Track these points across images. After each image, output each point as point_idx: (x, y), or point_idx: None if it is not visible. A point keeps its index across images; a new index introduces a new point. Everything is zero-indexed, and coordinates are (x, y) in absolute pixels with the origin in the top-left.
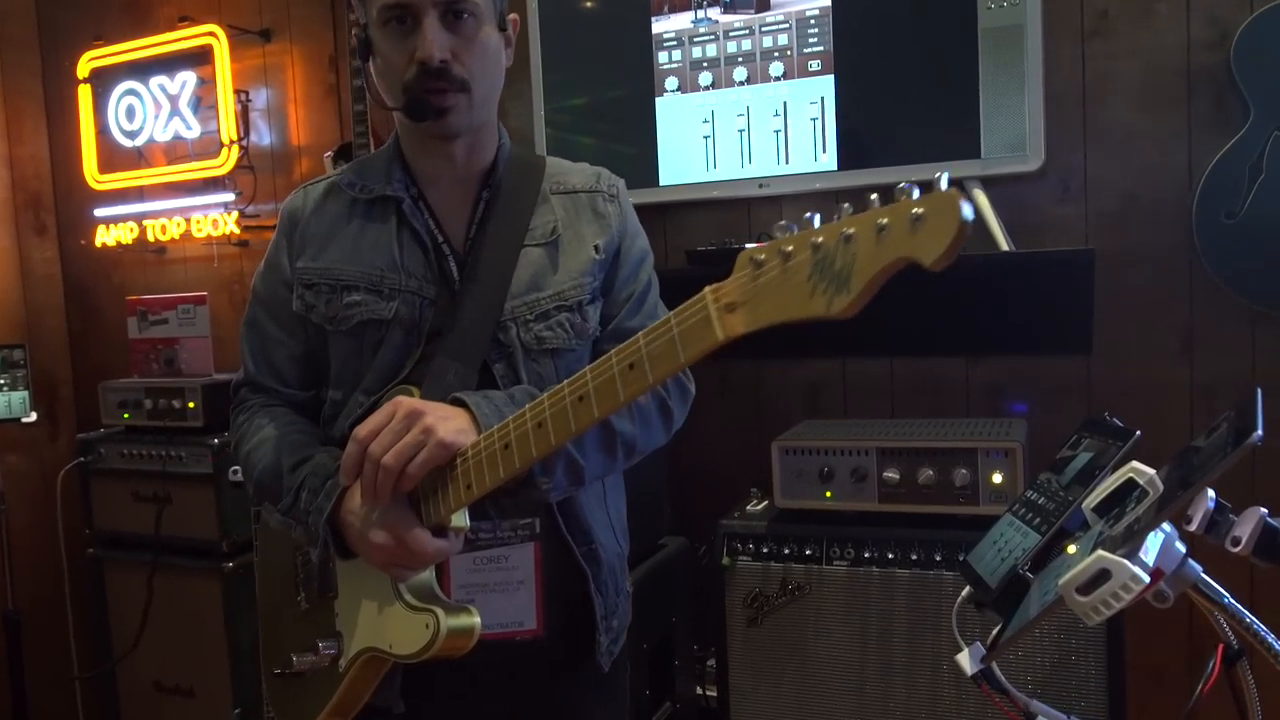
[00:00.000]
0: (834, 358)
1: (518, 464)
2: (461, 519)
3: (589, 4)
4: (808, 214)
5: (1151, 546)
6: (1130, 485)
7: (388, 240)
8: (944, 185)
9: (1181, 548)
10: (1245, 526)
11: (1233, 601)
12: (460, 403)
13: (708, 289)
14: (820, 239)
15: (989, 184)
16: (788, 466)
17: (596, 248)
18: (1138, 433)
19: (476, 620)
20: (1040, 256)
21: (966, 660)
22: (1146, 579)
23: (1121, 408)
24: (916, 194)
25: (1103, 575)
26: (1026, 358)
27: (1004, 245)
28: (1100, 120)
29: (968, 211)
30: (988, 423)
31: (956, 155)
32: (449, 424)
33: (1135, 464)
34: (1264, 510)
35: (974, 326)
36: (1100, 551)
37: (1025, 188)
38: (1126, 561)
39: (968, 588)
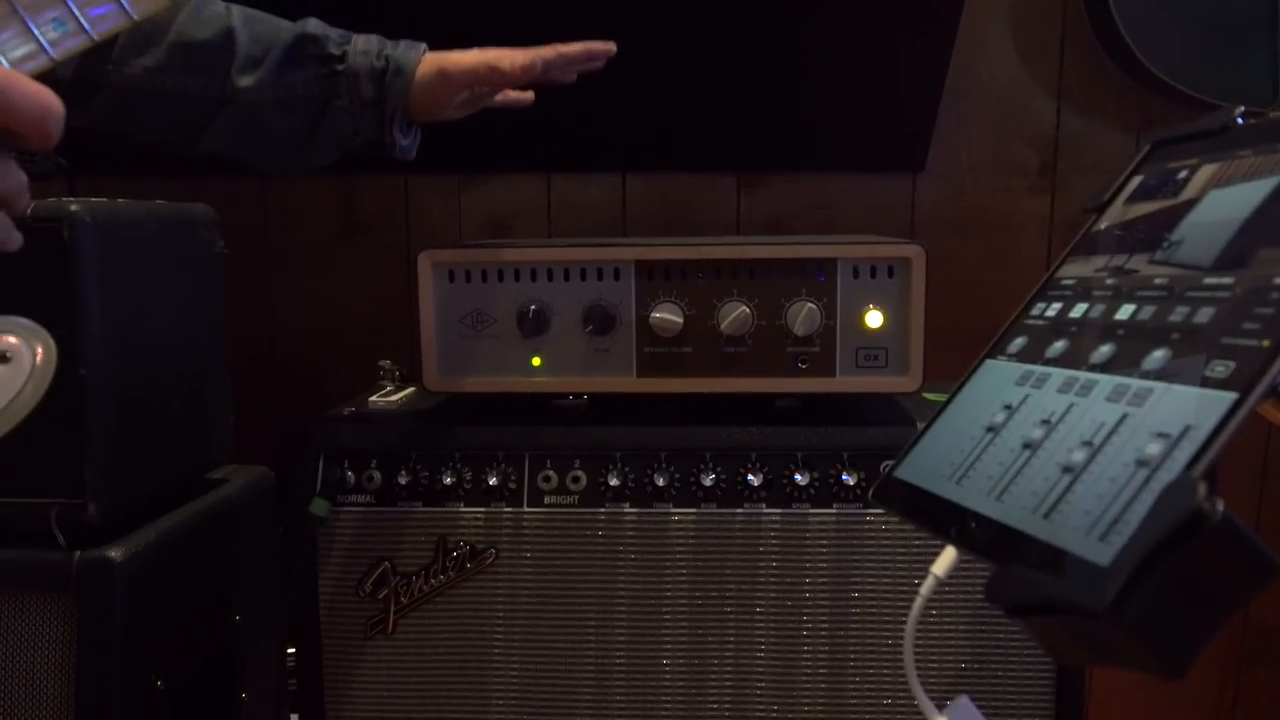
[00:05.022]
0: (534, 171)
1: None
2: None
3: None
4: None
5: None
6: None
7: None
8: None
9: None
10: None
11: None
12: None
13: None
14: None
15: None
16: (453, 306)
17: None
18: None
19: None
20: None
21: None
22: None
23: (954, 254)
24: None
25: None
26: (823, 176)
27: None
28: None
29: None
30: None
31: None
32: None
33: None
34: None
35: (756, 120)
36: None
37: None
38: None
39: (935, 562)
